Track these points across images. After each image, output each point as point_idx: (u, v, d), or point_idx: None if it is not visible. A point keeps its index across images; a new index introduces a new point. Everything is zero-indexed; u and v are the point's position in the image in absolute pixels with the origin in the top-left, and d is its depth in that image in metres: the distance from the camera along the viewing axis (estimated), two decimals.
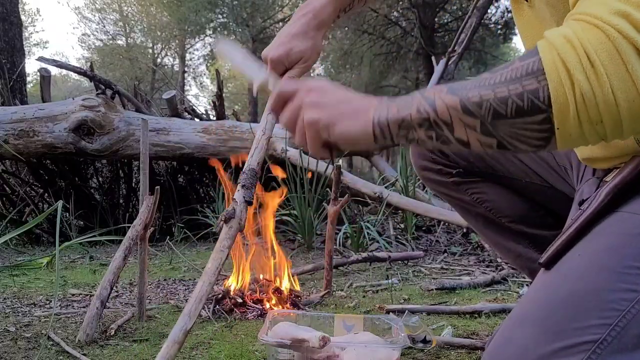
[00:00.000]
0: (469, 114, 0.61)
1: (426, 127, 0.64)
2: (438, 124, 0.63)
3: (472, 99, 0.60)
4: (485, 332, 1.47)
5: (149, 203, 1.57)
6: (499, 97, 0.59)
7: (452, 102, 0.62)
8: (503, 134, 0.60)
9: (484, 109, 0.60)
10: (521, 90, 0.57)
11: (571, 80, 0.54)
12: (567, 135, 0.57)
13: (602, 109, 0.54)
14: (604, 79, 0.53)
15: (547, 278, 0.69)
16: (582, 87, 0.54)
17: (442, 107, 0.62)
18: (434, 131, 0.64)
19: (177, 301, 1.87)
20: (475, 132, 0.61)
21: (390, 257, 2.48)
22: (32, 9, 25.14)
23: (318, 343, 1.05)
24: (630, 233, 0.64)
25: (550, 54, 0.57)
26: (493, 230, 1.17)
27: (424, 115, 0.63)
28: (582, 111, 0.54)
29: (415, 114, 0.64)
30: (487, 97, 0.59)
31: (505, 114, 0.59)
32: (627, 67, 0.53)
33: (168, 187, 3.66)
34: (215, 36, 2.46)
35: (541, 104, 0.56)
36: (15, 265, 2.47)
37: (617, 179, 0.70)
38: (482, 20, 8.74)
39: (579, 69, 0.54)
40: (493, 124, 0.60)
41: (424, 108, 0.64)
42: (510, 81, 0.59)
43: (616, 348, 0.58)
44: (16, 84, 5.25)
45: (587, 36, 0.55)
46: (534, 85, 0.57)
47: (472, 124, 0.61)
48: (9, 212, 3.43)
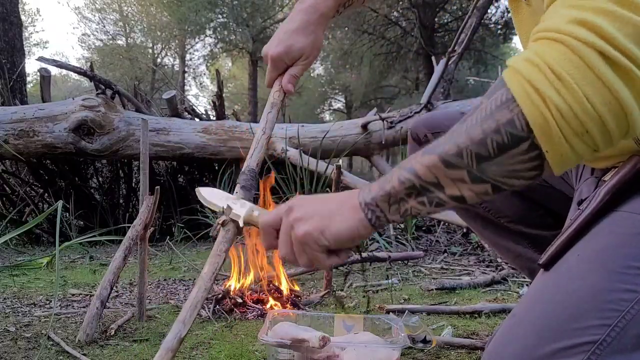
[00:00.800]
0: (452, 167, 0.59)
1: (415, 194, 0.62)
2: (425, 188, 0.61)
3: (449, 151, 0.59)
4: (485, 332, 1.47)
5: (149, 203, 1.57)
6: (476, 140, 0.57)
7: (431, 161, 0.60)
8: (494, 175, 0.58)
9: (466, 157, 0.58)
10: (496, 125, 0.56)
11: (542, 98, 0.53)
12: (558, 155, 0.55)
13: (583, 118, 0.52)
14: (573, 87, 0.52)
15: (547, 278, 0.69)
16: (556, 102, 0.53)
17: (422, 169, 0.61)
18: (425, 196, 0.62)
19: (177, 301, 1.87)
20: (465, 184, 0.59)
21: (390, 257, 2.48)
22: (32, 9, 25.15)
23: (318, 343, 1.05)
24: (629, 233, 0.64)
25: (516, 80, 0.56)
26: (492, 230, 1.17)
27: (408, 183, 0.62)
28: (563, 126, 0.53)
29: (398, 185, 0.63)
30: (465, 145, 0.58)
31: (488, 154, 0.57)
32: (594, 72, 0.52)
33: (168, 187, 3.66)
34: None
35: (520, 133, 0.55)
36: (15, 265, 2.47)
37: (616, 179, 0.69)
38: (482, 20, 8.74)
39: (546, 85, 0.53)
40: (480, 169, 0.58)
41: (405, 177, 0.62)
42: (483, 121, 0.57)
43: (616, 349, 0.58)
44: (16, 84, 5.25)
45: (548, 52, 0.54)
46: (508, 116, 0.55)
47: (459, 177, 0.59)
48: (9, 212, 3.43)
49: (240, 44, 16.71)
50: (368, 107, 15.74)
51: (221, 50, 18.30)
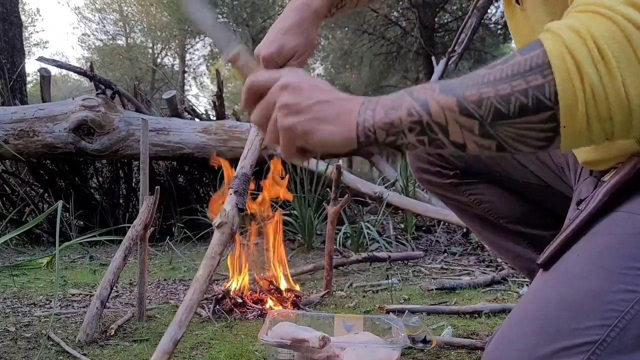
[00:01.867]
0: (466, 114, 0.55)
1: (417, 131, 0.58)
2: (431, 127, 0.57)
3: (470, 97, 0.55)
4: (485, 332, 1.47)
5: (149, 203, 1.57)
6: (500, 94, 0.54)
7: (448, 103, 0.56)
8: (504, 135, 0.55)
9: (484, 109, 0.54)
10: (525, 87, 0.53)
11: (580, 74, 0.50)
12: (573, 134, 0.53)
13: (613, 104, 0.50)
14: (615, 72, 0.50)
15: (546, 278, 0.69)
16: (592, 82, 0.50)
17: (436, 108, 0.57)
18: (427, 135, 0.58)
19: (177, 301, 1.87)
20: (472, 135, 0.56)
21: (390, 257, 2.48)
22: (32, 9, 25.11)
23: (318, 343, 1.05)
24: (628, 233, 0.64)
25: (556, 45, 0.52)
26: (491, 231, 1.17)
27: (416, 117, 0.58)
28: (591, 107, 0.51)
29: (405, 117, 0.58)
30: (488, 95, 0.54)
31: (507, 113, 0.54)
32: (638, 57, 0.50)
33: (168, 187, 3.66)
34: None
35: (547, 101, 0.52)
36: (15, 265, 2.47)
37: (615, 179, 0.69)
38: (482, 20, 8.74)
39: (588, 61, 0.50)
40: (493, 124, 0.55)
41: (416, 110, 0.58)
42: (512, 77, 0.54)
43: (615, 349, 0.58)
44: (16, 84, 5.25)
45: (597, 26, 0.51)
46: (539, 81, 0.52)
47: (469, 126, 0.56)
48: (9, 212, 3.43)
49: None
50: None
51: None
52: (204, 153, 3.57)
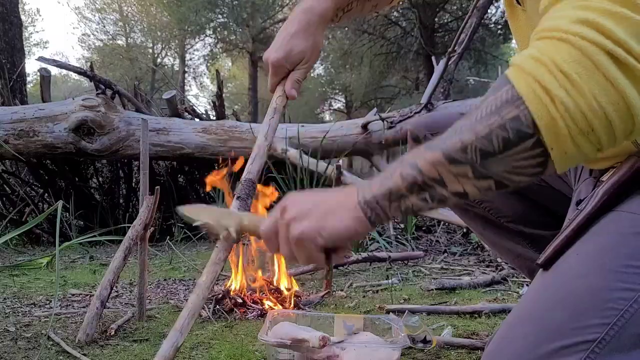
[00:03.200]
0: (456, 162, 0.58)
1: (416, 191, 0.61)
2: (428, 184, 0.61)
3: (454, 147, 0.58)
4: (485, 332, 1.47)
5: (149, 203, 1.57)
6: (481, 135, 0.57)
7: (435, 157, 0.59)
8: (498, 171, 0.58)
9: (470, 153, 0.57)
10: (502, 122, 0.56)
11: (550, 97, 0.53)
12: (562, 153, 0.55)
13: (590, 118, 0.53)
14: (582, 87, 0.52)
15: (546, 278, 0.70)
16: (564, 102, 0.53)
17: (425, 165, 0.60)
18: (427, 192, 0.61)
19: (177, 301, 1.87)
20: (468, 180, 0.59)
21: (390, 257, 2.48)
22: (32, 9, 25.19)
23: (318, 343, 1.05)
24: (627, 232, 0.65)
25: (522, 77, 0.56)
26: (492, 230, 1.17)
27: (410, 180, 0.61)
28: (570, 125, 0.53)
29: (400, 181, 0.62)
30: (469, 140, 0.57)
31: (493, 150, 0.56)
32: (602, 72, 0.52)
33: (168, 187, 3.66)
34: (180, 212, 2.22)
35: (526, 129, 0.55)
36: (15, 265, 2.47)
37: (614, 179, 0.70)
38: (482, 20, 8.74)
39: (555, 84, 0.53)
40: (484, 164, 0.57)
41: (407, 172, 0.61)
42: (487, 117, 0.57)
43: (614, 347, 0.58)
44: (16, 84, 5.25)
45: (555, 51, 0.54)
46: (514, 113, 0.55)
47: (463, 172, 0.58)
48: (9, 212, 3.43)
49: (240, 44, 16.72)
50: (368, 107, 15.74)
51: (221, 50, 18.31)
52: (204, 153, 3.57)
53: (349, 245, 0.70)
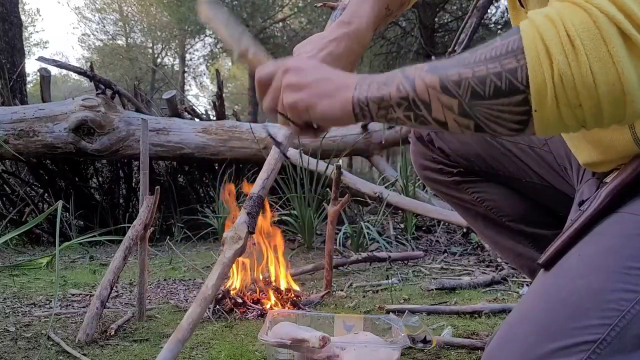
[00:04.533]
0: (447, 93, 0.59)
1: (404, 107, 0.63)
2: (416, 104, 0.62)
3: (451, 77, 0.59)
4: (485, 332, 1.47)
5: (149, 203, 1.57)
6: (477, 76, 0.57)
7: (432, 81, 0.60)
8: (480, 115, 0.58)
9: (463, 89, 0.58)
10: (499, 70, 0.56)
11: (550, 59, 0.53)
12: (544, 119, 0.55)
13: (581, 91, 0.52)
14: (583, 59, 0.52)
15: (547, 278, 0.69)
16: (560, 67, 0.52)
17: (421, 86, 0.61)
18: (412, 111, 0.62)
19: (177, 301, 1.87)
20: (452, 113, 0.60)
21: (390, 257, 2.48)
22: (32, 9, 25.13)
23: (318, 343, 1.05)
24: (630, 234, 0.64)
25: (530, 31, 0.55)
26: (493, 229, 1.17)
27: (403, 94, 0.62)
28: (560, 93, 0.53)
29: (394, 92, 0.63)
30: (466, 76, 0.58)
31: (483, 94, 0.57)
32: (608, 47, 0.51)
33: (168, 187, 3.66)
34: None
35: (519, 85, 0.55)
36: (15, 265, 2.47)
37: (617, 180, 0.69)
38: (482, 20, 8.73)
39: (558, 47, 0.53)
40: (471, 105, 0.58)
41: (404, 87, 0.62)
42: (490, 60, 0.57)
43: (616, 348, 0.58)
44: (16, 84, 5.25)
45: (570, 15, 0.53)
46: (513, 64, 0.55)
47: (449, 105, 0.59)
48: (9, 212, 3.43)
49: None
50: None
51: (221, 50, 18.29)
52: (204, 153, 3.57)
53: (330, 127, 0.74)
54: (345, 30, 0.90)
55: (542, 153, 1.04)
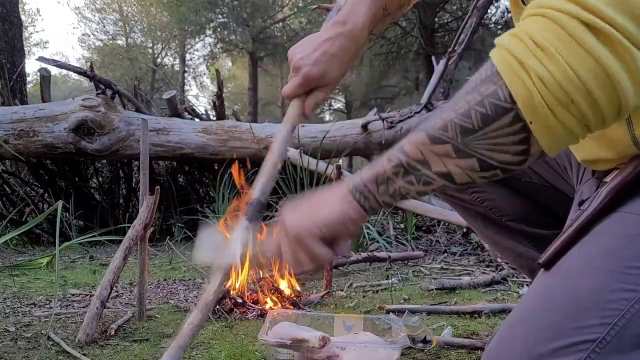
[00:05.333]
0: (437, 142, 0.59)
1: (402, 173, 0.62)
2: (412, 165, 0.61)
3: (435, 126, 0.59)
4: (485, 332, 1.47)
5: (149, 203, 1.57)
6: (460, 112, 0.57)
7: (419, 139, 0.60)
8: (480, 149, 0.57)
9: (450, 130, 0.58)
10: (480, 98, 0.56)
11: (524, 68, 0.53)
12: (543, 128, 0.54)
13: (567, 87, 0.52)
14: (556, 57, 0.52)
15: (547, 278, 0.69)
16: (537, 71, 0.52)
17: (410, 147, 0.61)
18: (412, 175, 0.62)
19: (177, 301, 1.87)
20: (451, 159, 0.59)
21: (390, 257, 2.48)
22: (32, 9, 25.08)
23: (318, 343, 1.05)
24: (630, 234, 0.64)
25: (499, 53, 0.56)
26: (493, 229, 1.16)
27: (395, 162, 0.62)
28: (546, 95, 0.52)
29: (386, 164, 0.63)
30: (450, 118, 0.58)
31: (472, 127, 0.57)
32: (576, 40, 0.52)
33: (168, 187, 3.66)
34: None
35: (504, 103, 0.55)
36: (15, 265, 2.47)
37: (617, 180, 0.69)
38: (482, 20, 8.74)
39: (528, 54, 0.53)
40: (465, 142, 0.58)
41: (394, 155, 0.63)
42: (467, 94, 0.58)
43: (615, 347, 0.58)
44: (16, 84, 5.25)
45: (532, 26, 0.54)
46: (492, 88, 0.56)
47: (444, 152, 0.59)
48: (9, 212, 3.43)
49: (240, 44, 16.71)
50: (368, 107, 15.74)
51: (221, 50, 18.30)
52: (204, 153, 3.57)
53: (347, 234, 0.69)
54: (340, 30, 0.89)
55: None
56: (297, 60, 0.88)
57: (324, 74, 0.88)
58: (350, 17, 0.90)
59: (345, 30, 0.89)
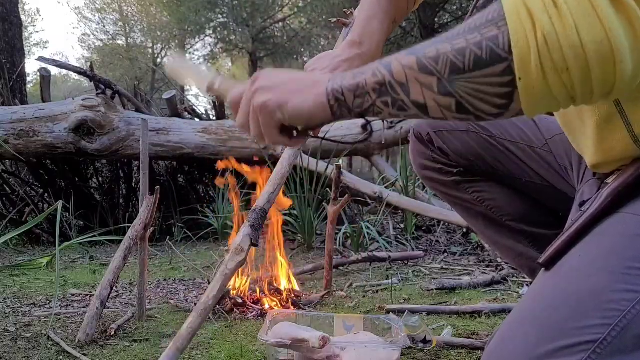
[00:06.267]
0: (425, 71, 0.56)
1: (381, 92, 0.60)
2: (393, 87, 0.59)
3: (428, 54, 0.56)
4: (485, 332, 1.47)
5: (149, 203, 1.57)
6: (456, 49, 0.54)
7: (409, 61, 0.58)
8: (462, 91, 0.55)
9: (441, 64, 0.55)
10: (480, 39, 0.53)
11: (532, 20, 0.50)
12: (530, 88, 0.52)
13: (567, 52, 0.49)
14: (567, 18, 0.49)
15: (548, 278, 0.69)
16: (544, 28, 0.50)
17: (397, 67, 0.59)
18: (390, 96, 0.59)
19: (177, 301, 1.87)
20: (432, 92, 0.57)
21: (390, 257, 2.48)
22: (32, 9, 25.13)
23: (318, 343, 1.05)
24: (631, 234, 0.64)
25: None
26: (493, 229, 1.17)
27: (379, 78, 0.60)
28: (544, 56, 0.50)
29: (370, 77, 0.60)
30: (444, 51, 0.55)
31: (463, 67, 0.54)
32: (593, 4, 0.49)
33: (168, 187, 3.66)
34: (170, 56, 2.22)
35: (501, 51, 0.52)
36: (15, 265, 2.47)
37: (619, 181, 0.69)
38: None
39: (540, 8, 0.50)
40: (451, 80, 0.55)
41: (380, 71, 0.60)
42: (469, 31, 0.55)
43: (616, 348, 0.58)
44: (16, 84, 5.25)
45: None
46: (494, 32, 0.53)
47: (428, 83, 0.56)
48: (9, 212, 3.43)
49: (240, 44, 16.71)
50: None
51: (221, 50, 18.30)
52: (204, 153, 3.57)
53: (306, 129, 0.68)
54: (358, 52, 0.90)
55: (542, 153, 1.04)
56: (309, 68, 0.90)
57: None
58: (366, 37, 0.92)
59: (362, 52, 0.91)
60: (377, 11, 0.94)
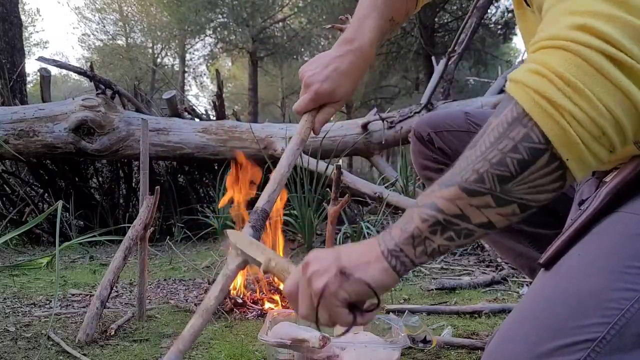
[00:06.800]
0: (475, 194, 0.57)
1: (440, 230, 0.59)
2: (450, 221, 0.59)
3: (470, 179, 0.57)
4: (485, 332, 1.47)
5: (149, 203, 1.57)
6: (495, 162, 0.56)
7: (452, 194, 0.58)
8: (519, 194, 0.56)
9: (488, 181, 0.56)
10: (513, 144, 0.55)
11: (555, 107, 0.53)
12: (579, 162, 0.54)
13: (599, 122, 0.52)
14: (587, 93, 0.52)
15: (548, 278, 0.69)
16: (570, 110, 0.52)
17: (444, 203, 0.59)
18: (451, 230, 0.59)
19: (177, 301, 1.87)
20: (492, 209, 0.57)
21: None
22: (32, 9, 25.16)
23: (318, 343, 1.05)
24: (630, 233, 0.64)
25: (523, 93, 0.55)
26: None
27: (431, 220, 0.59)
28: (580, 132, 0.53)
29: (421, 224, 0.60)
30: (484, 169, 0.56)
31: (510, 174, 0.55)
32: (603, 74, 0.52)
33: (168, 187, 3.66)
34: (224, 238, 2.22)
35: (539, 145, 0.54)
36: (15, 265, 2.47)
37: (617, 179, 0.69)
38: (482, 20, 8.74)
39: (559, 95, 0.53)
40: (504, 190, 0.56)
41: (427, 214, 0.60)
42: (496, 142, 0.56)
43: (615, 347, 0.58)
44: (16, 84, 5.25)
45: (553, 60, 0.54)
46: (523, 131, 0.54)
47: (484, 203, 0.57)
48: (9, 212, 3.43)
49: (240, 44, 16.70)
50: (368, 107, 15.73)
51: (221, 50, 18.29)
52: (204, 153, 3.57)
53: (375, 301, 0.65)
54: (349, 47, 0.91)
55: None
56: (308, 77, 0.90)
57: (334, 90, 0.90)
58: (358, 34, 0.92)
59: (354, 48, 0.91)
60: (371, 11, 0.95)
